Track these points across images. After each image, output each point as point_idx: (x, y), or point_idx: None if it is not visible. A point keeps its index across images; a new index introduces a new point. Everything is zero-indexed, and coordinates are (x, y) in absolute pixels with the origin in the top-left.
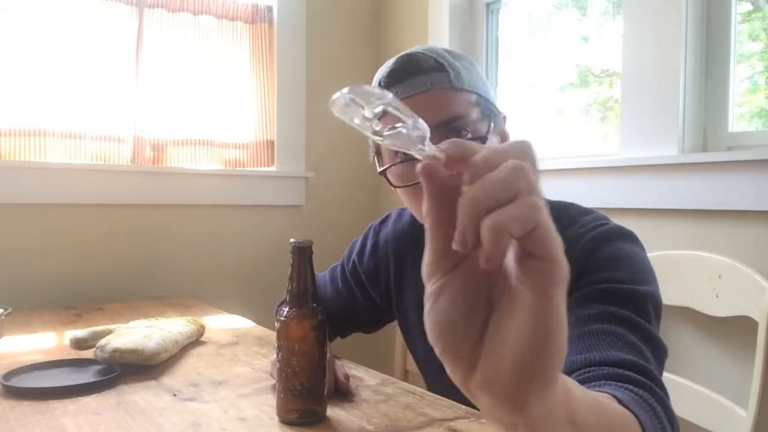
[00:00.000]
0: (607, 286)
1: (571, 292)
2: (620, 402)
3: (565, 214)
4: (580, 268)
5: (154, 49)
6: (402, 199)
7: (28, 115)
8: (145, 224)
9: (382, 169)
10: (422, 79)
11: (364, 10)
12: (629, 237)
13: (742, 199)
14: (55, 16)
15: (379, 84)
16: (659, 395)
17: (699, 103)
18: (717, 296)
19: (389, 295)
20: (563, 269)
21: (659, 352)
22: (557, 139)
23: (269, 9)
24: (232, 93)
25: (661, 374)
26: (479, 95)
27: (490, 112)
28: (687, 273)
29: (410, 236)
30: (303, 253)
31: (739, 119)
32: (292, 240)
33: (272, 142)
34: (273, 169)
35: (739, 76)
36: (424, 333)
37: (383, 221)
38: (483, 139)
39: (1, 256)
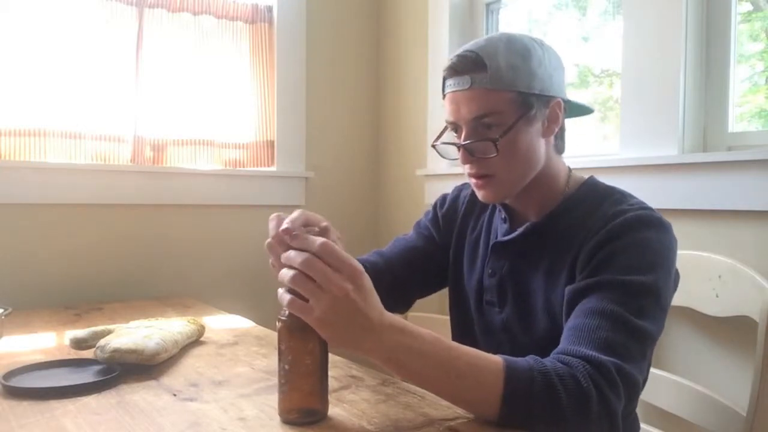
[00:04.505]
0: (610, 277)
1: (583, 268)
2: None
3: (611, 197)
4: (597, 251)
5: (154, 49)
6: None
7: (28, 115)
8: (145, 224)
9: (432, 143)
10: (464, 78)
11: (364, 9)
12: (655, 224)
13: (742, 199)
14: (55, 16)
15: (443, 75)
16: (591, 378)
17: (699, 103)
18: (717, 296)
19: (451, 239)
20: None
21: (642, 343)
22: None
23: (269, 9)
24: (232, 93)
25: (643, 356)
26: (519, 92)
27: (527, 105)
28: (687, 273)
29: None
30: None
31: (739, 119)
32: None
33: (272, 142)
34: (273, 169)
35: (739, 76)
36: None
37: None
38: (508, 128)
39: (1, 256)
